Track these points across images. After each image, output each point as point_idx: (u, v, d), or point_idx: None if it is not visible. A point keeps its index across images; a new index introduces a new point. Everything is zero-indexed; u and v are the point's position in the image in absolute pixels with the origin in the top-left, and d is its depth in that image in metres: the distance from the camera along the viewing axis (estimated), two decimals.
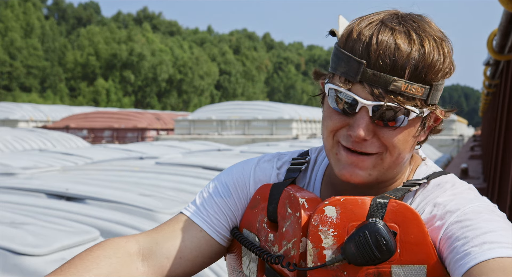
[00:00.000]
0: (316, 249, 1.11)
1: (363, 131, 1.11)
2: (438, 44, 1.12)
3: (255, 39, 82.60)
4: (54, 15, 67.45)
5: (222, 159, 6.45)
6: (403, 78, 1.09)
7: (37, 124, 26.14)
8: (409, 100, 1.10)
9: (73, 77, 54.75)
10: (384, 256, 1.06)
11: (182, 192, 4.43)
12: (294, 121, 22.34)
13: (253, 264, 1.25)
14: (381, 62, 1.08)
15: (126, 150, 10.34)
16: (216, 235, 1.27)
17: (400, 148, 1.14)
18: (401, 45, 1.08)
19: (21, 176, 5.03)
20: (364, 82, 1.10)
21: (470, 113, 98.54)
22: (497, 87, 8.15)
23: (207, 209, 1.28)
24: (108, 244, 1.20)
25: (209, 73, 61.03)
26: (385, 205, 1.10)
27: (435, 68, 1.10)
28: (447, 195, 1.16)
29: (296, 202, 1.16)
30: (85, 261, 1.15)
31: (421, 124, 1.16)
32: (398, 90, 1.09)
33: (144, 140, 22.83)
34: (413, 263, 1.09)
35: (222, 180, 1.32)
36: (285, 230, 1.17)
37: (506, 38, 4.79)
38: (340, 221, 1.10)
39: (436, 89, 1.13)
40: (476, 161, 12.57)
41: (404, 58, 1.08)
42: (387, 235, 1.06)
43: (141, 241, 1.23)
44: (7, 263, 2.67)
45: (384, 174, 1.17)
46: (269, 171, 1.31)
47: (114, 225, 3.45)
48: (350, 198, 1.12)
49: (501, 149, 5.94)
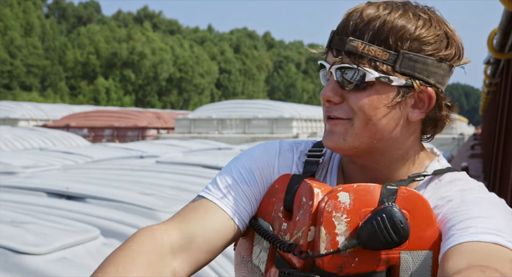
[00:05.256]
0: (329, 235, 1.10)
1: (328, 92, 1.17)
2: (413, 15, 1.14)
3: (255, 38, 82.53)
4: (55, 14, 67.44)
5: (223, 158, 6.45)
6: (362, 40, 1.13)
7: (38, 123, 26.14)
8: (368, 61, 1.13)
9: (73, 76, 54.75)
10: (401, 239, 1.07)
11: (182, 191, 4.43)
12: (294, 120, 22.33)
13: (264, 253, 1.24)
14: (344, 28, 1.16)
15: (126, 149, 10.33)
16: (240, 223, 1.25)
17: (367, 114, 1.15)
18: (367, 12, 1.15)
19: (22, 175, 5.03)
20: (332, 48, 1.18)
21: (471, 112, 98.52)
22: (498, 85, 8.15)
23: (234, 197, 1.24)
24: (144, 240, 1.14)
25: (209, 72, 61.02)
26: (395, 192, 1.11)
27: (400, 33, 1.13)
28: (455, 190, 1.17)
29: (311, 191, 1.16)
30: (124, 258, 1.09)
31: (398, 95, 1.15)
32: (354, 50, 1.13)
33: (145, 139, 22.82)
34: (420, 249, 1.10)
35: (246, 165, 1.29)
36: (298, 219, 1.17)
37: (507, 37, 4.79)
38: (353, 207, 1.11)
39: (409, 59, 1.13)
40: (476, 160, 12.58)
41: (366, 21, 1.14)
42: (404, 218, 1.07)
43: (174, 237, 1.17)
44: (7, 262, 2.67)
45: (361, 142, 1.17)
46: (290, 161, 1.31)
47: (114, 224, 3.45)
48: (362, 185, 1.13)
49: (502, 147, 5.94)
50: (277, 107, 23.97)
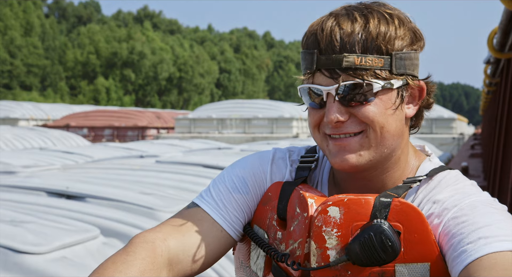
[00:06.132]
0: (319, 249, 1.11)
1: (334, 114, 1.14)
2: (386, 17, 1.15)
3: (255, 37, 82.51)
4: (55, 14, 67.42)
5: (223, 158, 6.45)
6: (355, 53, 1.12)
7: (38, 122, 26.14)
8: (369, 73, 1.12)
9: (73, 75, 54.74)
10: (389, 257, 1.06)
11: (182, 191, 4.43)
12: (295, 119, 22.33)
13: (261, 260, 1.25)
14: (330, 46, 1.13)
15: (126, 148, 10.33)
16: (234, 233, 1.26)
17: (380, 121, 1.15)
18: (344, 25, 1.13)
19: (22, 174, 5.03)
20: (321, 69, 1.14)
21: (471, 112, 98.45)
22: (498, 85, 8.15)
23: (226, 206, 1.26)
24: (142, 248, 1.15)
25: (210, 72, 61.00)
26: (389, 205, 1.09)
27: (386, 37, 1.13)
28: (448, 191, 1.16)
29: (305, 202, 1.16)
30: (118, 265, 1.11)
31: (398, 96, 1.16)
32: (352, 65, 1.12)
33: (145, 139, 22.83)
34: (417, 261, 1.09)
35: (239, 174, 1.30)
36: (292, 229, 1.17)
37: (507, 36, 4.78)
38: (343, 222, 1.10)
39: (400, 58, 1.15)
40: (476, 160, 12.57)
41: (350, 35, 1.12)
42: (392, 236, 1.06)
43: (172, 248, 1.18)
44: (7, 262, 2.67)
45: (376, 153, 1.17)
46: (284, 169, 1.31)
47: (114, 223, 3.45)
48: (353, 198, 1.11)
49: (502, 147, 5.94)
50: (277, 107, 23.97)
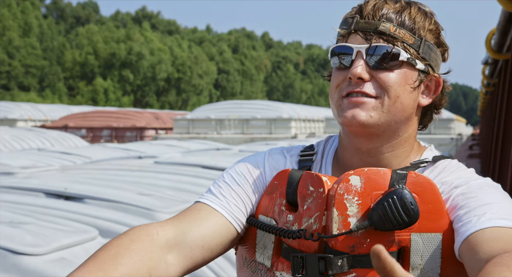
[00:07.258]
0: (341, 216, 1.15)
1: (359, 69, 1.21)
2: (426, 12, 1.26)
3: (253, 38, 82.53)
4: (53, 14, 67.36)
5: (221, 158, 6.45)
6: (391, 23, 1.22)
7: (36, 123, 26.11)
8: (399, 43, 1.22)
9: (71, 76, 54.71)
10: (411, 220, 1.11)
11: (181, 192, 4.43)
12: (293, 120, 22.34)
13: (269, 249, 1.27)
14: (371, 13, 1.23)
15: (125, 149, 10.32)
16: (235, 222, 1.29)
17: (397, 91, 1.22)
18: (388, 3, 1.24)
19: (20, 175, 5.03)
20: (357, 31, 1.24)
21: (469, 112, 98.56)
22: (496, 86, 8.16)
23: (226, 196, 1.30)
24: (140, 236, 1.15)
25: (208, 72, 61.01)
26: (405, 176, 1.16)
27: (421, 24, 1.24)
28: (454, 174, 1.24)
29: (319, 179, 1.21)
30: (117, 255, 1.10)
31: (418, 78, 1.24)
32: (387, 30, 1.22)
33: (143, 139, 22.81)
34: (430, 231, 1.15)
35: (237, 170, 1.35)
36: (306, 207, 1.21)
37: (505, 37, 4.79)
38: (364, 190, 1.15)
39: (428, 46, 1.24)
40: (474, 160, 12.59)
41: (391, 10, 1.23)
42: (414, 200, 1.12)
43: (169, 232, 1.20)
44: (5, 263, 2.67)
45: (385, 119, 1.22)
46: (282, 160, 1.37)
47: (113, 224, 3.44)
48: (373, 169, 1.18)
49: (500, 148, 5.95)
50: (275, 107, 23.98)
